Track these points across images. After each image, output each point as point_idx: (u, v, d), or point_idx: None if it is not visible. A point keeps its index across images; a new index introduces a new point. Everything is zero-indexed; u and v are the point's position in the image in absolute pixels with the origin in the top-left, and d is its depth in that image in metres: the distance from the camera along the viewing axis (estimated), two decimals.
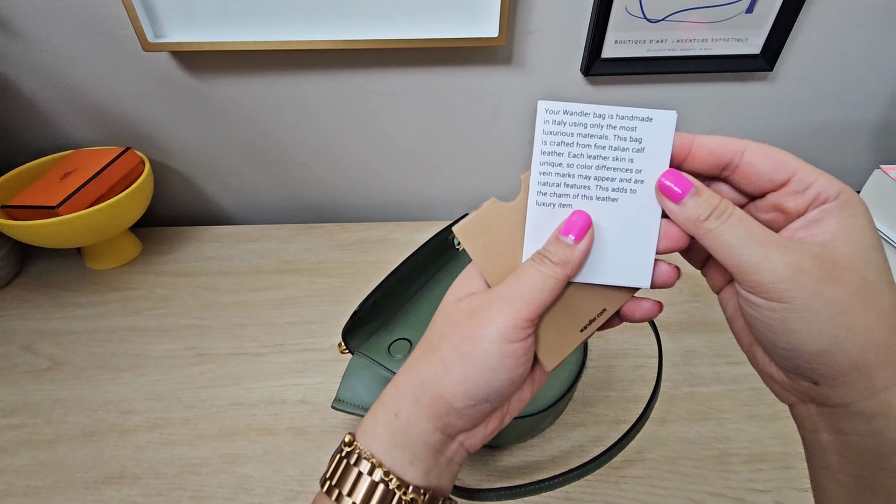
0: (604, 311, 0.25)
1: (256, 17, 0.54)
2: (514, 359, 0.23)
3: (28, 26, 0.55)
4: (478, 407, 0.24)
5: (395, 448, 0.24)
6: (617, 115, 0.23)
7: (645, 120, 0.23)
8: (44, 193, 0.56)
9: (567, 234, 0.23)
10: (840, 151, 0.71)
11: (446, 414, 0.24)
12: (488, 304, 0.24)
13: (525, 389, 0.27)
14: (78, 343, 0.53)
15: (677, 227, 0.23)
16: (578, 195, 0.24)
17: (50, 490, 0.40)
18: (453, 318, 0.25)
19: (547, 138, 0.24)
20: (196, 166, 0.69)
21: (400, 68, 0.60)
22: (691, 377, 0.49)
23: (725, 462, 0.42)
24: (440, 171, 0.71)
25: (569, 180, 0.24)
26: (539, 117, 0.23)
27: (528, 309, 0.23)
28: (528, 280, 0.23)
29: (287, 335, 0.54)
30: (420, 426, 0.24)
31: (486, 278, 0.25)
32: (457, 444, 0.26)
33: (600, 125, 0.23)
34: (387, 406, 0.25)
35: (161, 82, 0.60)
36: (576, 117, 0.23)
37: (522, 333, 0.23)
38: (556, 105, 0.23)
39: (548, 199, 0.24)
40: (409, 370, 0.26)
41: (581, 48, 0.59)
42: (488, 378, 0.23)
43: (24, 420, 0.46)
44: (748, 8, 0.55)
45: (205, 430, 0.45)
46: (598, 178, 0.24)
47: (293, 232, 0.69)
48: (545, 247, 0.24)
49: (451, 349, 0.24)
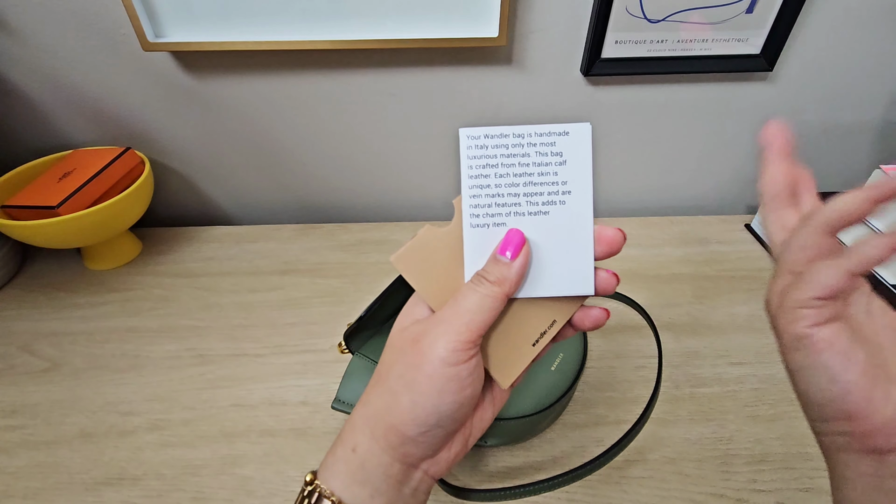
0: (554, 322, 0.26)
1: (256, 17, 0.53)
2: (457, 381, 0.23)
3: (28, 26, 0.55)
4: (431, 433, 0.24)
5: (354, 484, 0.24)
6: (535, 132, 0.24)
7: (562, 134, 0.24)
8: (44, 193, 0.56)
9: (503, 253, 0.24)
10: (840, 151, 0.71)
11: (401, 444, 0.24)
12: (429, 329, 0.24)
13: (485, 409, 0.27)
14: (77, 344, 0.53)
15: (611, 230, 0.24)
16: (510, 212, 0.25)
17: (49, 491, 0.40)
18: (398, 346, 0.25)
19: (472, 162, 0.25)
20: (196, 166, 0.69)
21: (400, 68, 0.60)
22: (693, 378, 0.49)
23: (727, 463, 0.42)
24: (440, 172, 0.71)
25: (499, 199, 0.25)
26: (462, 143, 0.25)
27: (468, 331, 0.23)
28: (467, 302, 0.24)
29: (287, 336, 0.54)
30: (377, 459, 0.24)
31: (429, 304, 0.26)
32: (420, 472, 0.25)
33: (521, 144, 0.24)
34: (344, 441, 0.25)
35: (161, 82, 0.60)
36: (497, 139, 0.24)
37: (464, 356, 0.23)
38: (477, 130, 0.24)
39: (481, 220, 0.25)
40: (363, 403, 0.26)
41: (581, 48, 0.59)
42: (435, 402, 0.23)
43: (23, 421, 0.46)
44: (748, 8, 0.55)
45: (205, 431, 0.45)
46: (526, 193, 0.25)
47: (293, 232, 0.69)
48: (483, 267, 0.25)
49: (397, 378, 0.24)
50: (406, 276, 0.25)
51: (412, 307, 0.27)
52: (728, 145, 0.70)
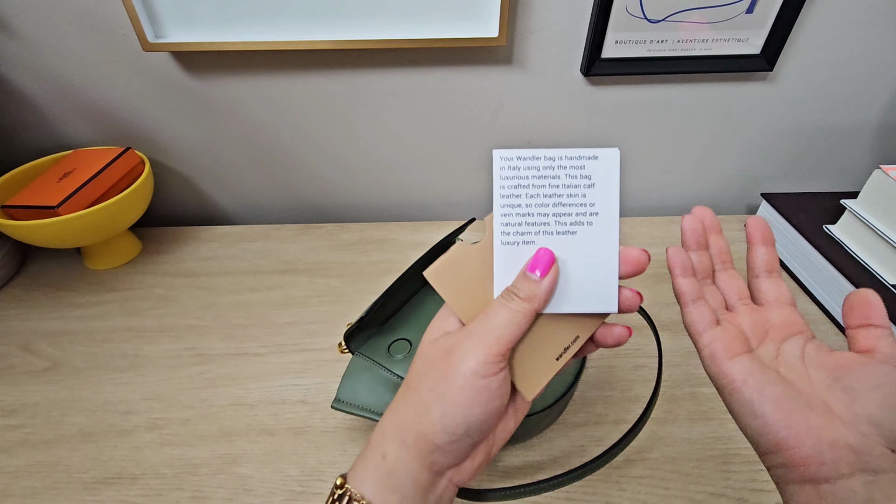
0: (577, 338, 0.27)
1: (256, 17, 0.54)
2: (487, 393, 0.24)
3: (27, 26, 0.55)
4: (459, 442, 0.24)
5: (384, 490, 0.25)
6: (566, 156, 0.25)
7: (591, 158, 0.25)
8: (44, 193, 0.56)
9: (533, 271, 0.25)
10: (840, 151, 0.71)
11: (430, 452, 0.24)
12: (461, 342, 0.25)
13: (508, 420, 0.28)
14: (76, 343, 0.53)
15: (636, 251, 0.25)
16: (540, 231, 0.26)
17: (48, 491, 0.40)
18: (430, 357, 0.26)
19: (504, 182, 0.25)
20: (196, 166, 0.69)
21: (400, 68, 0.60)
22: (693, 377, 0.49)
23: (727, 462, 0.42)
24: (440, 171, 0.71)
25: (529, 219, 0.26)
26: (495, 164, 0.25)
27: (499, 344, 0.24)
28: (498, 317, 0.25)
29: (287, 335, 0.54)
30: (407, 467, 0.25)
31: (459, 317, 0.26)
32: (445, 480, 0.26)
33: (552, 166, 0.25)
34: (374, 449, 0.26)
35: (161, 82, 0.60)
36: (529, 161, 0.25)
37: (494, 368, 0.24)
38: (510, 153, 0.25)
39: (511, 237, 0.26)
40: (392, 412, 0.26)
41: (581, 48, 0.59)
42: (465, 413, 0.24)
43: (23, 420, 0.46)
44: (748, 8, 0.55)
45: (204, 430, 0.45)
46: (556, 214, 0.26)
47: (293, 232, 0.69)
48: (514, 284, 0.25)
49: (428, 389, 0.25)
50: (439, 290, 0.26)
51: (442, 319, 0.27)
52: (728, 145, 0.70)
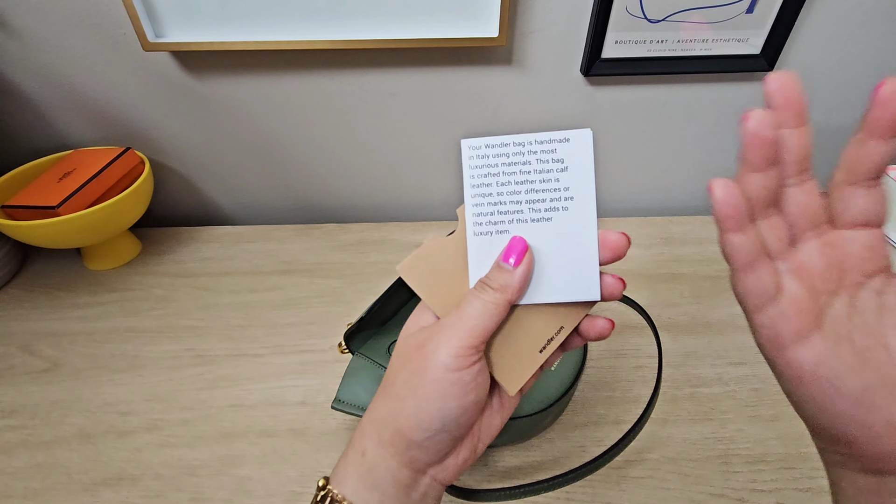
0: (561, 328, 0.26)
1: (256, 17, 0.53)
2: (461, 386, 0.23)
3: (27, 26, 0.55)
4: (436, 438, 0.24)
5: (364, 489, 0.24)
6: (536, 140, 0.24)
7: (563, 141, 0.24)
8: (43, 193, 0.56)
9: (507, 260, 0.24)
10: (840, 151, 0.71)
11: (407, 448, 0.24)
12: (433, 335, 0.24)
13: (493, 416, 0.27)
14: (76, 344, 0.53)
15: (615, 235, 0.24)
16: (513, 220, 0.25)
17: (48, 492, 0.40)
18: (404, 352, 0.26)
19: (474, 172, 0.25)
20: (196, 166, 0.69)
21: (400, 68, 0.60)
22: (693, 378, 0.49)
23: (727, 462, 0.42)
24: (440, 172, 0.71)
25: (501, 207, 0.25)
26: (464, 153, 0.25)
27: (471, 337, 0.23)
28: (470, 308, 0.24)
29: (286, 336, 0.54)
30: (385, 464, 0.25)
31: (434, 311, 0.26)
32: (428, 478, 0.26)
33: (522, 152, 0.25)
34: (355, 447, 0.26)
35: (161, 82, 0.60)
36: (497, 148, 0.25)
37: (467, 361, 0.23)
38: (478, 141, 0.25)
39: (484, 227, 0.25)
40: (371, 409, 0.26)
41: (581, 48, 0.59)
42: (439, 407, 0.23)
43: (22, 421, 0.45)
44: (748, 8, 0.55)
45: (204, 431, 0.45)
46: (529, 201, 0.25)
47: (293, 232, 0.69)
48: (487, 274, 0.25)
49: (403, 383, 0.25)
50: (411, 285, 0.26)
51: (418, 315, 0.27)
52: (728, 145, 0.70)
